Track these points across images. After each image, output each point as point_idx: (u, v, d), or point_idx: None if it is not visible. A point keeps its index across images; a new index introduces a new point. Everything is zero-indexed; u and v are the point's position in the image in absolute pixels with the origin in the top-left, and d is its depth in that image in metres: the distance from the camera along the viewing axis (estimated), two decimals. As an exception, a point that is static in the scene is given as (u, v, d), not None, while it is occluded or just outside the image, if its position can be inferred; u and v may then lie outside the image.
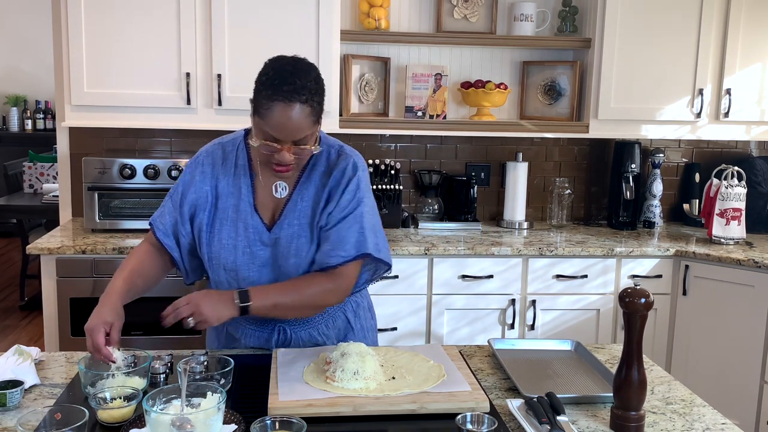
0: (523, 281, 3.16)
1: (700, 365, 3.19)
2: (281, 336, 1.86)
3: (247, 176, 1.79)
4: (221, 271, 1.79)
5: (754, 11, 3.35)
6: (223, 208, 1.78)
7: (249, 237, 1.77)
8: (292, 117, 1.59)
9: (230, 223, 1.77)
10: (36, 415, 1.36)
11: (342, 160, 1.78)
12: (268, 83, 1.61)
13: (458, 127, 3.41)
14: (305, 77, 1.61)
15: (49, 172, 5.61)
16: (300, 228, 1.76)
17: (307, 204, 1.77)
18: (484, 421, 1.42)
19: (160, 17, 3.03)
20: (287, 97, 1.58)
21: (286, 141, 1.62)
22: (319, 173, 1.78)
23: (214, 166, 1.80)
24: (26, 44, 7.76)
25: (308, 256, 1.76)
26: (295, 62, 1.66)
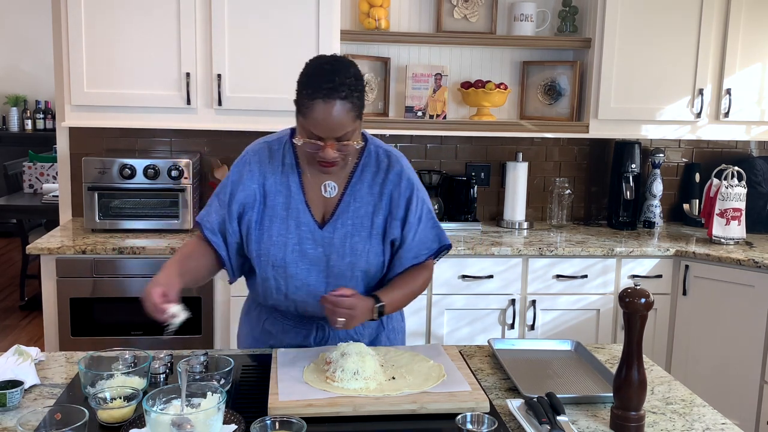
0: (523, 281, 3.16)
1: (700, 365, 3.19)
2: (319, 333, 1.88)
3: (296, 174, 1.81)
4: (269, 268, 1.81)
5: (754, 11, 3.35)
6: (272, 206, 1.80)
7: (300, 234, 1.79)
8: (333, 114, 1.61)
9: (280, 220, 1.79)
10: (36, 415, 1.36)
11: (394, 163, 1.83)
12: (308, 82, 1.64)
13: (458, 127, 3.41)
14: (344, 74, 1.64)
15: (49, 172, 5.61)
16: (354, 227, 1.80)
17: (360, 204, 1.80)
18: (484, 421, 1.42)
19: (160, 17, 3.04)
20: (327, 95, 1.60)
21: (328, 138, 1.64)
22: (370, 174, 1.82)
23: (261, 164, 1.82)
24: (26, 44, 7.76)
25: (363, 255, 1.79)
26: (334, 60, 1.69)
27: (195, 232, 1.91)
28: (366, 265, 1.81)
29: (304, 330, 1.89)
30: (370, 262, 1.81)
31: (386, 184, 1.81)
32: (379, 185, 1.81)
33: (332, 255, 1.79)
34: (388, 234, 1.82)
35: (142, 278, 2.91)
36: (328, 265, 1.80)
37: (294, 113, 1.71)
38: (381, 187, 1.81)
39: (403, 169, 1.83)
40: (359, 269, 1.80)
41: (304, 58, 3.11)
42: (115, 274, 2.91)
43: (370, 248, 1.80)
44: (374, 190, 1.81)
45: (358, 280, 1.82)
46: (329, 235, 1.79)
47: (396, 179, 1.81)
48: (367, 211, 1.80)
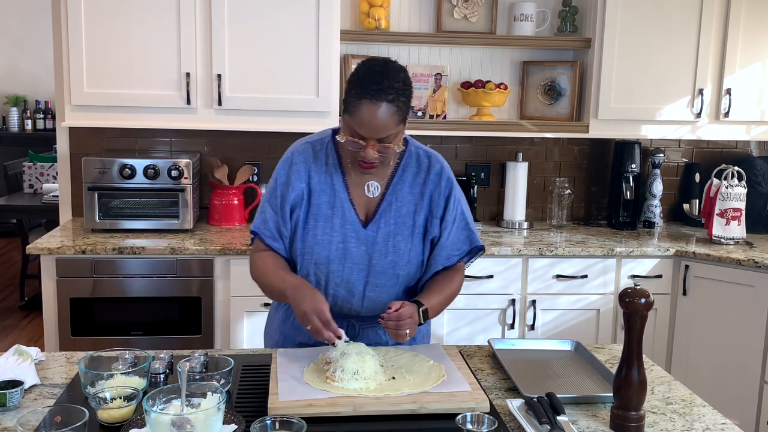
0: (523, 281, 3.16)
1: (700, 365, 3.18)
2: (350, 331, 1.89)
3: (339, 174, 1.84)
4: (311, 266, 1.84)
5: (754, 11, 3.35)
6: (317, 205, 1.83)
7: (345, 233, 1.82)
8: (378, 115, 1.65)
9: (325, 218, 1.82)
10: (36, 415, 1.36)
11: (434, 163, 1.87)
12: (358, 82, 1.67)
13: (458, 127, 3.41)
14: (393, 78, 1.67)
15: (49, 172, 5.61)
16: (396, 227, 1.83)
17: (402, 204, 1.84)
18: (484, 421, 1.42)
19: (160, 17, 3.03)
20: (374, 96, 1.64)
21: (370, 138, 1.68)
22: (411, 174, 1.86)
23: (306, 164, 1.84)
24: (26, 44, 7.76)
25: (405, 254, 1.83)
26: (385, 63, 1.71)
27: (252, 242, 1.93)
28: (407, 264, 1.85)
29: None
30: (411, 261, 1.85)
31: (427, 183, 1.86)
32: (420, 185, 1.86)
33: (375, 254, 1.82)
34: (429, 232, 1.86)
35: (142, 278, 2.91)
36: (369, 264, 1.83)
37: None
38: (422, 187, 1.86)
39: (443, 168, 1.88)
40: (400, 268, 1.84)
41: (304, 58, 3.14)
42: (115, 274, 2.91)
43: (412, 247, 1.85)
44: (415, 190, 1.85)
45: (398, 279, 1.86)
46: (373, 234, 1.83)
47: (436, 179, 1.86)
48: (409, 210, 1.85)
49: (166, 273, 2.93)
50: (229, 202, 3.37)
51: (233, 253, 2.93)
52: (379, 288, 1.85)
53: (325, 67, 3.11)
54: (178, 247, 2.91)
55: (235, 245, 2.95)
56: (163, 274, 2.93)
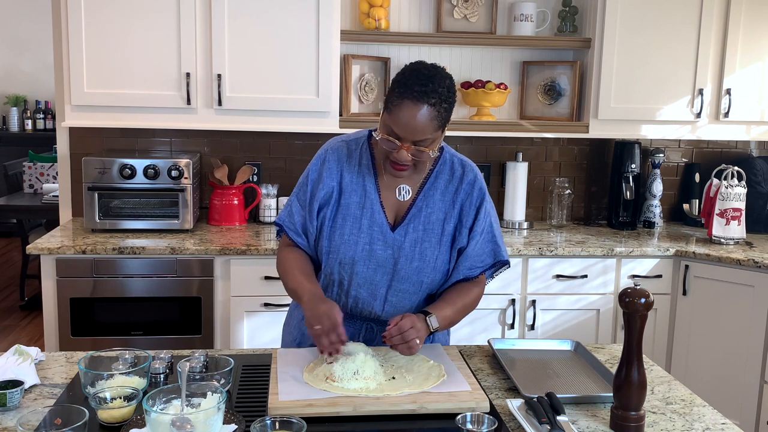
0: (523, 281, 3.16)
1: (700, 365, 3.19)
2: (368, 333, 1.89)
3: (372, 175, 1.83)
4: (336, 266, 1.83)
5: (754, 11, 3.35)
6: (347, 204, 1.82)
7: (372, 234, 1.81)
8: (417, 117, 1.63)
9: (353, 219, 1.81)
10: (36, 415, 1.36)
11: (468, 172, 1.85)
12: (402, 82, 1.66)
13: (458, 127, 3.41)
14: (439, 83, 1.66)
15: (49, 172, 5.61)
16: (425, 233, 1.82)
17: (432, 210, 1.83)
18: (484, 421, 1.42)
19: (160, 17, 3.04)
20: (417, 97, 1.63)
21: (406, 140, 1.66)
22: (444, 181, 1.84)
23: (339, 162, 1.84)
24: (26, 44, 7.76)
25: (431, 261, 1.82)
26: (433, 68, 1.71)
27: (277, 235, 1.93)
28: (432, 271, 1.83)
29: (352, 328, 1.88)
30: (436, 268, 1.83)
31: (459, 192, 1.84)
32: (452, 193, 1.84)
33: (401, 258, 1.81)
34: (457, 242, 1.84)
35: (142, 278, 2.92)
36: (395, 268, 1.82)
37: None
38: (453, 195, 1.84)
39: (477, 178, 1.86)
40: (425, 275, 1.82)
41: (304, 58, 3.15)
42: (115, 274, 2.91)
43: (439, 254, 1.83)
44: (446, 198, 1.84)
45: (422, 286, 1.84)
46: (400, 239, 1.81)
47: (469, 188, 1.84)
48: (439, 217, 1.83)
49: (166, 273, 2.93)
50: (229, 202, 3.37)
51: (233, 253, 2.93)
52: (401, 293, 1.84)
53: (325, 67, 3.11)
54: (178, 247, 2.91)
55: (235, 245, 2.95)
56: (163, 274, 2.93)
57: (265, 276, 2.95)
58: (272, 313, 2.97)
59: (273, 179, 3.54)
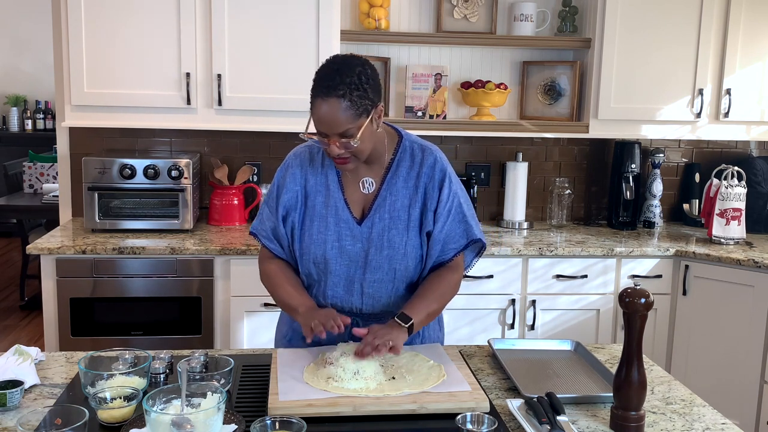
0: (523, 281, 3.16)
1: (700, 365, 3.18)
2: (354, 327, 1.87)
3: (335, 173, 1.86)
4: (311, 266, 1.87)
5: (754, 11, 3.35)
6: (312, 206, 1.86)
7: (339, 231, 1.83)
8: (330, 111, 1.67)
9: (320, 218, 1.85)
10: (36, 415, 1.36)
11: (427, 156, 1.87)
12: (315, 80, 1.71)
13: (458, 127, 3.41)
14: (346, 73, 1.68)
15: (49, 172, 5.61)
16: (391, 221, 1.84)
17: (396, 198, 1.85)
18: (484, 421, 1.42)
19: (160, 17, 3.03)
20: (325, 93, 1.67)
21: (331, 134, 1.69)
22: (405, 168, 1.87)
23: (302, 167, 1.88)
24: (26, 44, 7.76)
25: (401, 248, 1.84)
26: (342, 59, 1.73)
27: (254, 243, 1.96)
28: (403, 257, 1.84)
29: None
30: (407, 254, 1.85)
31: (421, 176, 1.86)
32: (414, 179, 1.86)
33: (370, 249, 1.83)
34: (424, 225, 1.86)
35: (142, 278, 2.91)
36: (366, 260, 1.84)
37: None
38: (416, 180, 1.86)
39: (437, 160, 1.87)
40: (396, 262, 1.84)
41: (304, 58, 3.15)
42: (115, 274, 2.91)
43: (408, 240, 1.84)
44: (409, 184, 1.86)
45: (395, 273, 1.85)
46: (367, 230, 1.84)
47: (429, 171, 1.86)
48: (403, 204, 1.85)
49: (166, 273, 2.93)
50: (229, 202, 3.37)
51: (233, 253, 2.93)
52: (377, 284, 1.86)
53: (325, 67, 3.11)
54: (178, 247, 2.91)
55: (235, 245, 2.95)
56: (163, 274, 2.93)
57: (265, 276, 2.95)
58: (272, 313, 2.97)
59: (273, 179, 3.53)
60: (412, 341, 1.93)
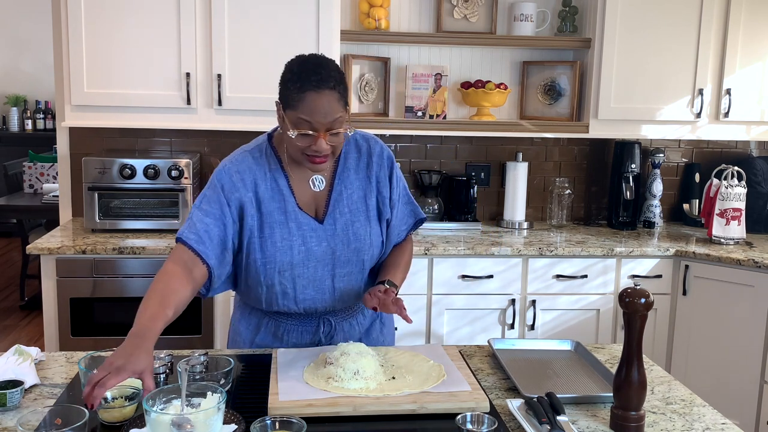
0: (523, 281, 3.16)
1: (700, 365, 3.18)
2: (326, 327, 1.90)
3: (283, 178, 1.82)
4: (275, 275, 1.80)
5: (754, 11, 3.35)
6: (269, 212, 1.79)
7: (304, 234, 1.81)
8: (325, 103, 1.67)
9: (279, 225, 1.80)
10: (36, 415, 1.36)
11: (373, 145, 1.89)
12: (295, 78, 1.70)
13: (458, 127, 3.41)
14: (329, 67, 1.71)
15: (49, 172, 5.61)
16: (351, 214, 1.84)
17: (352, 190, 1.85)
18: (484, 421, 1.42)
19: (160, 17, 3.04)
20: (316, 86, 1.66)
21: (320, 128, 1.68)
22: (353, 159, 1.87)
23: (250, 172, 1.80)
24: (26, 44, 7.76)
25: (366, 239, 1.85)
26: (315, 57, 1.76)
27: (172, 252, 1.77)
28: (370, 247, 1.86)
29: (310, 326, 1.89)
30: (373, 244, 1.86)
31: (371, 166, 1.87)
32: (365, 169, 1.87)
33: (337, 246, 1.82)
34: (383, 213, 1.88)
35: (142, 278, 2.91)
36: (333, 257, 1.83)
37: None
38: (366, 170, 1.87)
39: (383, 149, 1.90)
40: (364, 253, 1.85)
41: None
42: (115, 274, 2.91)
43: (371, 230, 1.86)
44: (360, 175, 1.86)
45: (364, 264, 1.86)
46: (331, 227, 1.82)
47: (379, 160, 1.88)
48: (360, 195, 1.86)
49: (166, 273, 2.92)
50: (229, 202, 3.36)
51: (233, 253, 2.93)
52: (347, 277, 1.86)
53: (325, 67, 3.11)
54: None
55: (235, 245, 2.95)
56: (163, 274, 2.92)
57: (265, 276, 2.95)
58: (272, 313, 2.97)
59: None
60: (372, 320, 2.00)
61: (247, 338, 1.94)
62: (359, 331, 1.95)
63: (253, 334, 1.93)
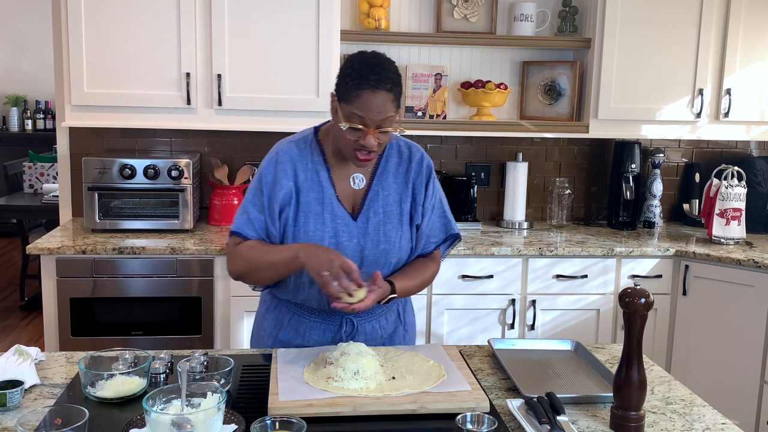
0: (523, 281, 3.16)
1: (700, 365, 3.18)
2: (348, 327, 1.90)
3: (325, 170, 1.87)
4: None
5: (754, 11, 3.35)
6: (306, 202, 1.84)
7: (336, 227, 1.83)
8: (379, 102, 1.71)
9: (315, 215, 1.84)
10: (36, 415, 1.36)
11: (415, 152, 1.93)
12: (355, 75, 1.72)
13: (458, 127, 3.41)
14: (389, 69, 1.75)
15: (49, 172, 5.61)
16: (385, 215, 1.87)
17: (388, 193, 1.89)
18: (484, 421, 1.42)
19: (160, 17, 3.04)
20: (374, 86, 1.71)
21: (371, 125, 1.72)
22: (393, 164, 1.91)
23: (292, 162, 1.86)
24: (26, 44, 7.76)
25: (396, 242, 1.87)
26: (376, 56, 1.78)
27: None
28: (398, 251, 1.87)
29: (333, 325, 1.90)
30: (402, 248, 1.88)
31: (410, 172, 1.91)
32: (404, 174, 1.91)
33: (367, 244, 1.84)
34: (414, 219, 1.91)
35: (142, 278, 2.91)
36: (362, 255, 1.84)
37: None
38: (405, 175, 1.91)
39: (423, 157, 1.94)
40: (392, 255, 1.86)
41: (304, 58, 3.15)
42: (115, 274, 2.91)
43: (402, 234, 1.88)
44: (399, 179, 1.90)
45: (390, 267, 1.88)
46: (363, 225, 1.85)
47: (418, 167, 1.92)
48: (395, 198, 1.89)
49: (166, 273, 2.93)
50: (229, 202, 3.37)
51: (233, 253, 2.92)
52: None
53: (325, 67, 3.11)
54: (178, 247, 2.91)
55: (235, 245, 2.95)
56: (163, 274, 2.93)
57: (265, 276, 2.95)
58: (272, 313, 2.97)
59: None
60: (396, 326, 1.98)
61: (271, 334, 1.96)
62: (381, 335, 1.94)
63: (276, 329, 1.95)
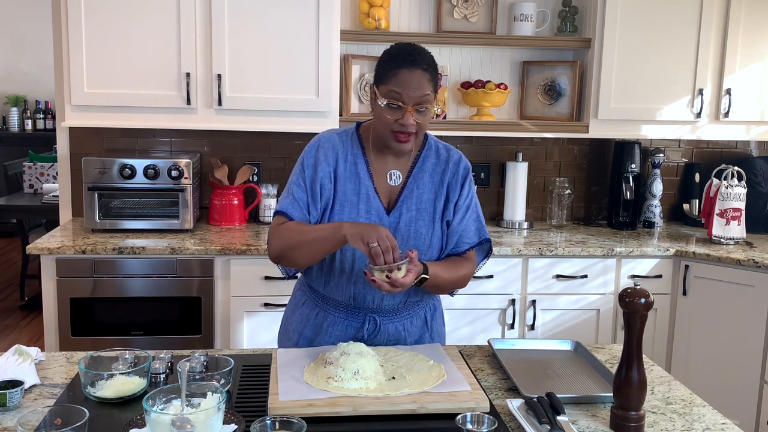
0: (523, 281, 3.16)
1: (700, 365, 3.19)
2: (371, 325, 1.90)
3: (363, 162, 1.89)
4: (337, 252, 1.85)
5: (754, 11, 3.35)
6: (343, 191, 1.87)
7: (370, 218, 1.86)
8: (415, 78, 1.76)
9: (350, 205, 1.86)
10: (36, 415, 1.36)
11: (453, 154, 1.96)
12: (391, 59, 1.80)
13: (458, 127, 3.41)
14: (424, 53, 1.81)
15: (49, 172, 5.61)
16: (418, 213, 1.89)
17: (423, 191, 1.91)
18: (484, 421, 1.42)
19: (160, 17, 3.04)
20: (411, 64, 1.77)
21: (409, 102, 1.76)
22: (431, 164, 1.93)
23: (333, 150, 1.89)
24: (26, 44, 7.76)
25: (426, 239, 1.89)
26: (411, 44, 1.84)
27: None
28: (429, 249, 1.89)
29: (356, 322, 1.90)
30: (432, 246, 1.89)
31: (446, 172, 1.93)
32: (440, 174, 1.93)
33: (397, 239, 1.84)
34: (446, 216, 1.92)
35: (142, 278, 2.91)
36: None
37: None
38: (441, 175, 1.93)
39: (461, 158, 1.97)
40: (422, 252, 1.86)
41: (304, 58, 3.15)
42: (115, 274, 2.91)
43: (433, 232, 1.89)
44: (435, 179, 1.92)
45: None
46: (395, 220, 1.87)
47: (454, 168, 1.94)
48: (429, 197, 1.91)
49: (166, 273, 2.93)
50: (229, 202, 3.37)
51: (233, 253, 2.93)
52: None
53: (325, 67, 3.11)
54: (178, 247, 2.91)
55: (235, 245, 2.95)
56: (163, 274, 2.93)
57: (265, 276, 2.95)
58: (272, 313, 2.97)
59: (273, 179, 3.54)
60: (422, 333, 1.97)
61: (298, 329, 1.98)
62: (405, 338, 1.94)
63: (303, 326, 1.97)
